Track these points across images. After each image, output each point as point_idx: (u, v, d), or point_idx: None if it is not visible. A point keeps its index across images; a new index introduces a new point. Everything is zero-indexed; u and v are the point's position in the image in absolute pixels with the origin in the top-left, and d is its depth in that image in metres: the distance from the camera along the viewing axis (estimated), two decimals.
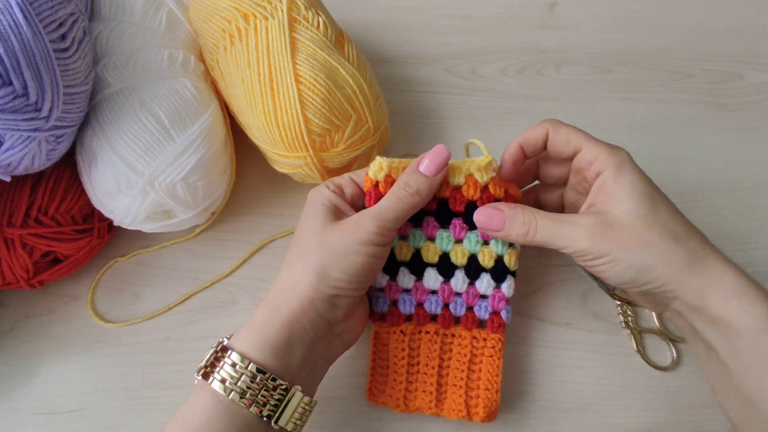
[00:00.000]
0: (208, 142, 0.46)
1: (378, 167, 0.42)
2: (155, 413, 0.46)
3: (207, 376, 0.36)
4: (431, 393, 0.44)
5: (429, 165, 0.41)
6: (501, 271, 0.44)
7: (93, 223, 0.48)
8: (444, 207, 0.44)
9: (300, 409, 0.38)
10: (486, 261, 0.44)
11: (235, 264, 0.52)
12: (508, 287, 0.45)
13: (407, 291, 0.45)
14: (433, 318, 0.46)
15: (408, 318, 0.46)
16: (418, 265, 0.45)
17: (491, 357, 0.44)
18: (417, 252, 0.45)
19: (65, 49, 0.39)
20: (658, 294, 0.38)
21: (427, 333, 0.45)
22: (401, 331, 0.45)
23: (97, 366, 0.48)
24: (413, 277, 0.45)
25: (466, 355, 0.45)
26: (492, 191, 0.43)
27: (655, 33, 0.66)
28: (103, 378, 0.47)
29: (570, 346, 0.49)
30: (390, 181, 0.42)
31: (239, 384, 0.35)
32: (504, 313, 0.45)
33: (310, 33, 0.46)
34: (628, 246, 0.37)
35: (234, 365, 0.36)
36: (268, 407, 0.36)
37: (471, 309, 0.45)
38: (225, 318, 0.50)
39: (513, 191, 0.44)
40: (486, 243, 0.44)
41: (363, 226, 0.39)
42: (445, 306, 0.45)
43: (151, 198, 0.45)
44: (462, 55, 0.64)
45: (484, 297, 0.45)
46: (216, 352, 0.37)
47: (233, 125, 0.52)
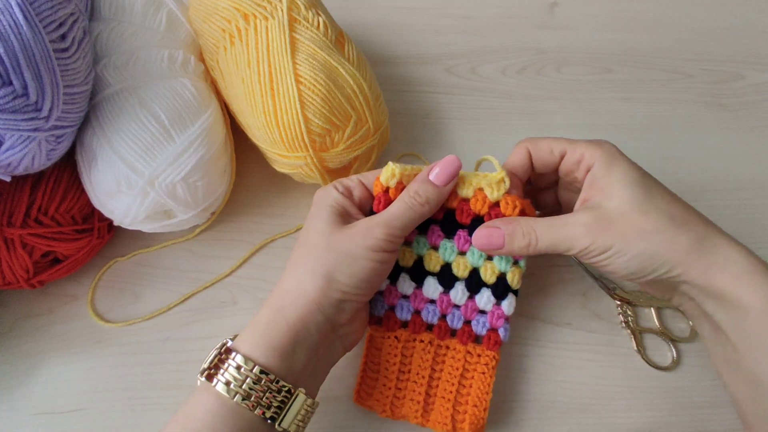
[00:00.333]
0: (208, 142, 0.46)
1: (390, 173, 0.42)
2: (155, 413, 0.46)
3: (211, 377, 0.36)
4: (419, 402, 0.44)
5: (439, 175, 0.41)
6: (502, 289, 0.44)
7: (93, 223, 0.48)
8: (450, 217, 0.44)
9: (303, 411, 0.38)
10: (488, 276, 0.44)
11: (235, 264, 0.52)
12: (508, 305, 0.44)
13: (406, 297, 0.45)
14: (429, 327, 0.45)
15: (404, 324, 0.45)
16: (419, 273, 0.45)
17: (483, 374, 0.44)
18: (419, 259, 0.45)
19: (65, 49, 0.39)
20: (665, 280, 0.38)
21: (422, 342, 0.45)
22: (395, 337, 0.45)
23: (97, 366, 0.48)
24: (413, 284, 0.45)
25: (458, 369, 0.44)
26: (503, 209, 0.42)
27: (655, 33, 0.66)
28: (103, 378, 0.47)
29: (570, 346, 0.49)
30: (400, 188, 0.42)
31: (244, 386, 0.35)
32: (502, 331, 0.44)
33: (310, 33, 0.46)
34: (628, 236, 0.37)
35: (239, 368, 0.36)
36: (272, 409, 0.36)
37: (468, 323, 0.45)
38: (225, 318, 0.50)
39: (529, 210, 0.43)
40: (489, 258, 0.44)
41: (372, 232, 0.39)
42: (442, 317, 0.45)
43: (151, 198, 0.45)
44: (462, 55, 0.64)
45: (483, 312, 0.45)
46: (219, 353, 0.37)
47: (233, 125, 0.52)
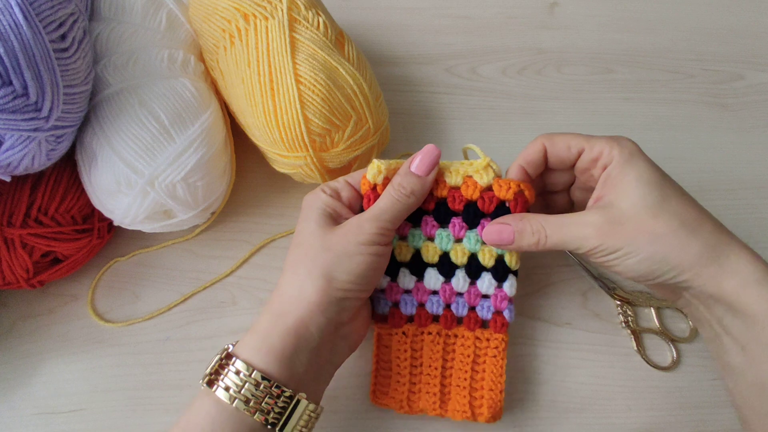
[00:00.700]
0: (208, 142, 0.46)
1: (376, 170, 0.42)
2: (155, 413, 0.46)
3: (212, 383, 0.36)
4: (435, 394, 0.44)
5: (420, 165, 0.41)
6: (502, 270, 0.44)
7: (93, 223, 0.48)
8: (443, 206, 0.44)
9: (306, 416, 0.37)
10: (486, 260, 0.44)
11: (235, 264, 0.52)
12: (510, 286, 0.44)
13: (408, 292, 0.45)
14: (435, 319, 0.46)
15: (410, 319, 0.46)
16: (418, 266, 0.45)
17: (495, 357, 0.44)
18: (417, 252, 0.45)
19: (65, 49, 0.39)
20: (673, 284, 0.38)
21: (430, 334, 0.45)
22: (403, 333, 0.45)
23: (97, 366, 0.48)
24: (414, 278, 0.45)
25: (469, 356, 0.45)
26: (497, 192, 0.43)
27: (656, 33, 0.66)
28: (103, 378, 0.47)
29: (570, 346, 0.49)
30: (387, 183, 0.42)
31: (243, 392, 0.35)
32: (507, 313, 0.44)
33: (310, 33, 0.46)
34: (637, 238, 0.37)
35: (238, 372, 0.36)
36: (272, 415, 0.36)
37: (473, 309, 0.45)
38: (225, 318, 0.50)
39: (528, 193, 0.43)
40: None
41: (363, 228, 0.40)
42: (447, 306, 0.45)
43: (151, 198, 0.45)
44: (462, 55, 0.64)
45: (486, 297, 0.45)
46: (221, 359, 0.37)
47: (233, 125, 0.52)
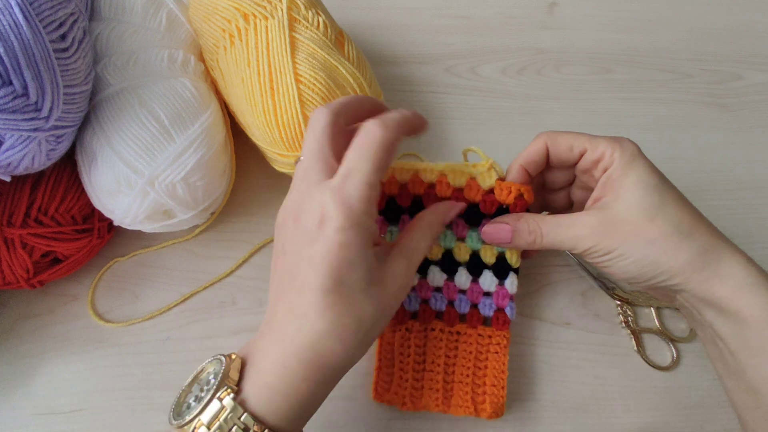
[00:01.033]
0: (208, 142, 0.46)
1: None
2: (155, 413, 0.46)
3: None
4: (438, 390, 0.44)
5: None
6: (503, 268, 0.45)
7: (93, 223, 0.48)
8: None
9: None
10: (488, 257, 0.45)
11: (235, 264, 0.52)
12: (511, 284, 0.45)
13: (412, 288, 0.46)
14: (439, 315, 0.46)
15: (413, 315, 0.46)
16: (421, 263, 0.45)
17: (497, 354, 0.45)
18: None
19: (65, 49, 0.39)
20: (663, 287, 0.39)
21: (433, 330, 0.45)
22: (407, 329, 0.45)
23: (97, 366, 0.48)
24: (417, 275, 0.45)
25: (471, 353, 0.45)
26: (497, 195, 0.43)
27: (655, 33, 0.66)
28: (103, 378, 0.47)
29: (570, 346, 0.49)
30: (394, 180, 0.45)
31: None
32: (508, 310, 0.45)
33: (310, 33, 0.46)
34: (631, 241, 0.37)
35: (246, 430, 0.32)
36: None
37: (476, 306, 0.45)
38: (225, 318, 0.50)
39: (528, 196, 0.43)
40: None
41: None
42: (450, 303, 0.46)
43: (151, 198, 0.45)
44: (462, 55, 0.64)
45: (488, 294, 0.45)
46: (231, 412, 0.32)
47: (233, 125, 0.52)
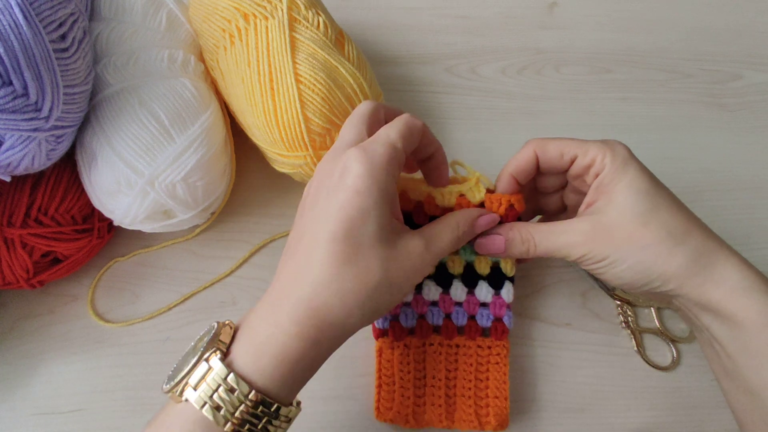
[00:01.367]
0: (208, 142, 0.46)
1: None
2: (155, 413, 0.46)
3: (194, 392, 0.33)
4: (440, 406, 0.44)
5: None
6: (498, 278, 0.44)
7: (93, 223, 0.48)
8: None
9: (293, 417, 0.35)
10: (482, 268, 0.44)
11: (235, 264, 0.52)
12: (507, 293, 0.44)
13: (407, 304, 0.45)
14: (436, 329, 0.45)
15: (411, 331, 0.45)
16: None
17: (497, 364, 0.44)
18: None
19: (65, 49, 0.39)
20: (658, 293, 0.39)
21: (431, 345, 0.45)
22: (405, 345, 0.45)
23: (97, 366, 0.48)
24: (412, 291, 0.45)
25: (472, 365, 0.45)
26: (489, 208, 0.42)
27: (655, 33, 0.66)
28: (103, 378, 0.47)
29: (570, 346, 0.49)
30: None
31: (237, 414, 0.32)
32: (506, 319, 0.44)
33: (310, 33, 0.46)
34: (624, 248, 0.37)
35: (238, 395, 0.32)
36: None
37: (473, 318, 0.45)
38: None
39: (518, 205, 0.42)
40: None
41: (426, 270, 0.37)
42: (447, 316, 0.45)
43: (151, 198, 0.44)
44: (462, 55, 0.64)
45: (484, 305, 0.45)
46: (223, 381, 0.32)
47: (233, 125, 0.52)
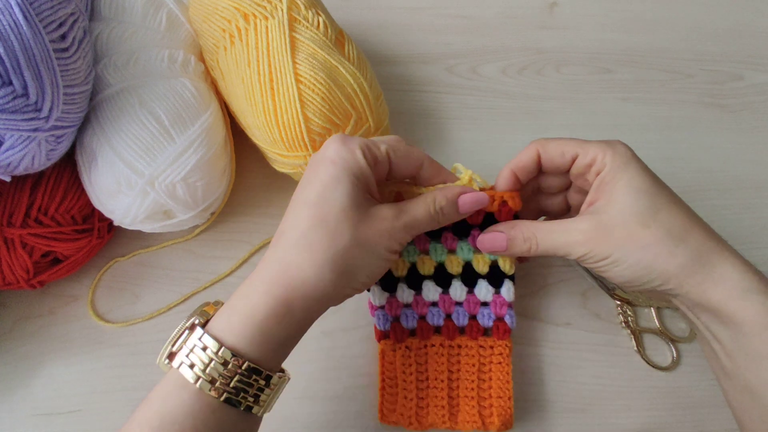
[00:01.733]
0: (208, 142, 0.46)
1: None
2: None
3: (181, 364, 0.33)
4: (443, 407, 0.44)
5: (466, 206, 0.40)
6: (497, 276, 0.44)
7: (93, 223, 0.48)
8: None
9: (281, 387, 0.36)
10: (480, 267, 0.44)
11: (235, 264, 0.52)
12: (507, 292, 0.44)
13: (407, 306, 0.45)
14: (437, 330, 0.45)
15: (412, 332, 0.45)
16: (415, 279, 0.45)
17: (500, 364, 0.44)
18: (413, 266, 0.45)
19: (65, 49, 0.39)
20: (658, 292, 0.39)
21: (433, 346, 0.45)
22: (406, 347, 0.45)
23: (97, 367, 0.48)
24: (412, 292, 0.45)
25: (474, 365, 0.44)
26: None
27: (655, 33, 0.66)
28: (103, 379, 0.47)
29: (570, 346, 0.49)
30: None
31: (233, 384, 0.33)
32: (508, 318, 0.44)
33: (310, 33, 0.46)
34: (624, 247, 0.37)
35: (225, 363, 0.33)
36: (251, 398, 0.34)
37: (474, 318, 0.45)
38: None
39: (512, 203, 0.42)
40: (479, 250, 0.44)
41: (398, 235, 0.38)
42: (447, 317, 0.45)
43: (151, 198, 0.44)
44: (462, 55, 0.64)
45: (485, 304, 0.45)
46: (204, 346, 0.33)
47: (233, 125, 0.52)
